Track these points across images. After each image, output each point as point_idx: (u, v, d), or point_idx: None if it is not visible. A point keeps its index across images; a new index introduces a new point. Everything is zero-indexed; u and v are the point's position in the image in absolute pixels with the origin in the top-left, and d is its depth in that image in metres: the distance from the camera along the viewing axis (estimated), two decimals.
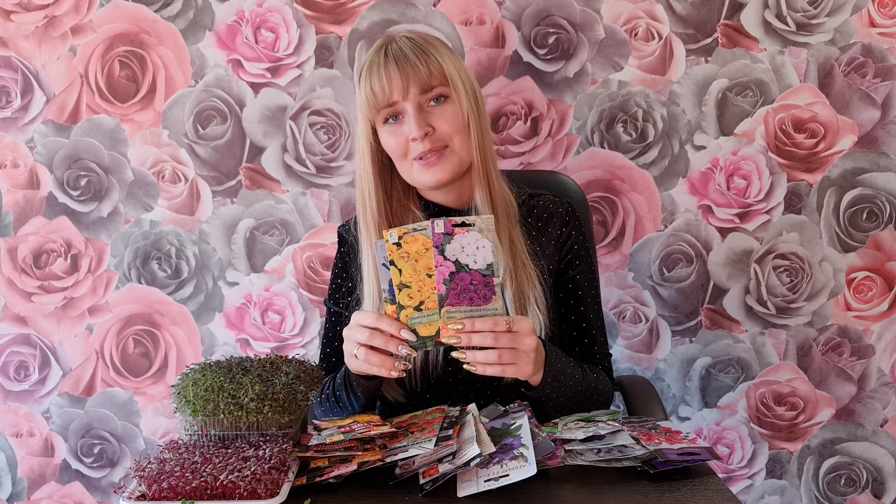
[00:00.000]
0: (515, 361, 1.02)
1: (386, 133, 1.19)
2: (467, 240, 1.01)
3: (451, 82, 1.18)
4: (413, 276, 1.01)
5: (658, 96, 1.66)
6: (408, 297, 1.01)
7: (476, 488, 0.89)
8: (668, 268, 1.70)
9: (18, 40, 1.67)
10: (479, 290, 1.01)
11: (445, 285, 1.00)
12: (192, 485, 0.88)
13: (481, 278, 1.01)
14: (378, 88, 1.16)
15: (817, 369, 1.72)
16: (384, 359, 1.02)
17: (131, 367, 1.74)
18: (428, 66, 1.17)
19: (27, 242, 1.71)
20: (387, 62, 1.17)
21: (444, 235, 1.01)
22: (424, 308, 1.01)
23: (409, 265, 1.01)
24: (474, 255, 1.01)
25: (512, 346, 1.01)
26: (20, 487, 1.77)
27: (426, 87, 1.16)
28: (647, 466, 0.94)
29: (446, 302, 1.00)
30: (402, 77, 1.15)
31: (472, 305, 1.01)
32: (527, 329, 1.03)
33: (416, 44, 1.19)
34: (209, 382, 0.99)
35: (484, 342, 1.00)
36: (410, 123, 1.16)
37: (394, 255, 1.01)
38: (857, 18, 1.64)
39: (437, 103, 1.18)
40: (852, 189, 1.68)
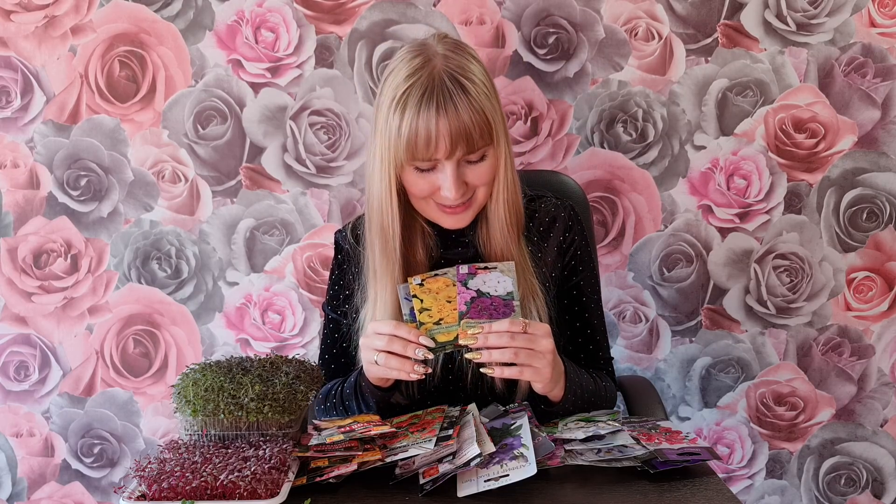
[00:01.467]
0: (532, 363, 1.01)
1: (413, 174, 1.12)
2: (489, 278, 1.08)
3: (495, 139, 1.11)
4: (433, 303, 1.07)
5: (658, 96, 1.66)
6: (427, 316, 1.06)
7: (476, 488, 0.89)
8: (668, 268, 1.70)
9: (18, 40, 1.67)
10: (499, 308, 1.05)
11: (466, 306, 1.05)
12: (192, 485, 0.88)
13: (501, 301, 1.06)
14: (423, 142, 1.07)
15: (817, 369, 1.72)
16: (403, 361, 1.02)
17: (131, 367, 1.74)
18: (478, 125, 1.08)
19: (27, 242, 1.71)
20: (437, 114, 1.06)
21: (467, 275, 1.08)
22: (443, 323, 1.05)
23: (430, 296, 1.07)
24: (495, 287, 1.08)
25: (528, 347, 1.01)
26: (20, 487, 1.77)
27: (473, 149, 1.09)
28: (647, 466, 0.94)
29: (466, 316, 1.05)
30: (451, 136, 1.06)
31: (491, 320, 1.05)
32: (543, 331, 1.03)
33: (461, 86, 1.08)
34: (209, 382, 0.99)
35: (500, 341, 1.00)
36: (448, 183, 1.09)
37: (416, 291, 1.08)
38: (858, 18, 1.64)
39: (475, 165, 1.12)
40: (852, 189, 1.68)
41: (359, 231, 1.28)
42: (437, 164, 1.10)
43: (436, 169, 1.11)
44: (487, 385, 1.18)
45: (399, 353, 1.02)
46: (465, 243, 1.22)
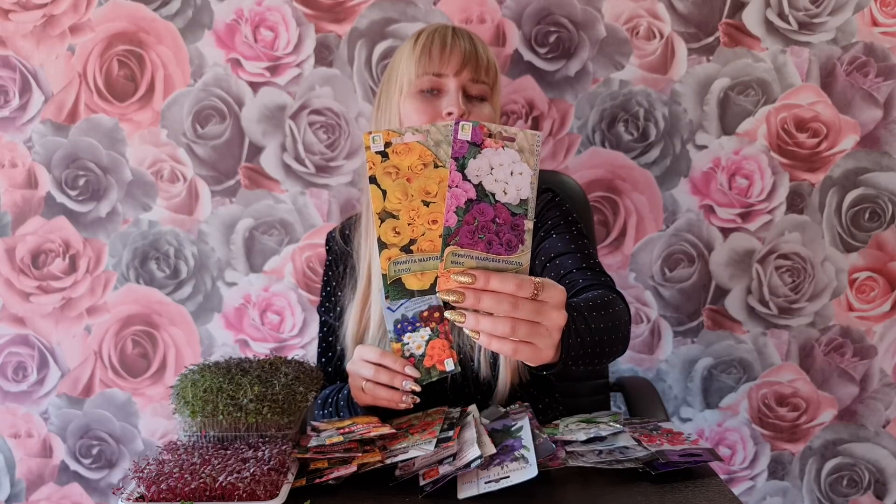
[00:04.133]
0: (533, 340, 0.77)
1: (415, 103, 1.15)
2: (500, 158, 0.73)
3: (496, 87, 1.19)
4: (403, 201, 0.74)
5: (660, 95, 1.65)
6: (393, 231, 0.74)
7: (476, 490, 0.89)
8: (669, 268, 1.70)
9: (17, 39, 1.67)
10: (504, 232, 0.74)
11: (458, 216, 0.72)
12: (190, 486, 0.87)
13: (509, 216, 0.73)
14: (437, 53, 1.14)
15: (819, 370, 1.71)
16: (393, 393, 1.02)
17: (130, 368, 1.73)
18: (488, 60, 1.17)
19: (25, 242, 1.71)
20: (454, 36, 1.16)
21: (469, 145, 0.72)
22: (416, 249, 0.75)
23: (397, 185, 0.74)
24: (505, 183, 0.73)
25: (534, 320, 0.76)
26: (18, 489, 1.76)
27: (479, 77, 1.16)
28: (649, 468, 0.93)
29: (454, 240, 0.73)
30: (464, 55, 1.15)
31: (490, 252, 0.74)
32: (557, 299, 0.77)
33: (480, 39, 1.20)
34: (208, 383, 0.99)
35: (498, 308, 0.74)
36: (451, 98, 1.14)
37: (376, 169, 0.74)
38: (860, 17, 1.63)
39: (476, 100, 1.17)
40: (854, 189, 1.67)
41: (347, 232, 1.29)
42: (442, 86, 1.15)
43: (441, 94, 1.15)
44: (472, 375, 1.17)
45: (386, 383, 1.02)
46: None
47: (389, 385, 1.02)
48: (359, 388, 1.05)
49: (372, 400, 1.05)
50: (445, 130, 0.74)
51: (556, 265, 1.12)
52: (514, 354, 0.77)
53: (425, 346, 1.01)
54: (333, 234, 1.33)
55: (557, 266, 1.12)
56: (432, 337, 1.01)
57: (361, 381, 1.04)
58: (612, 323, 0.93)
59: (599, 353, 0.91)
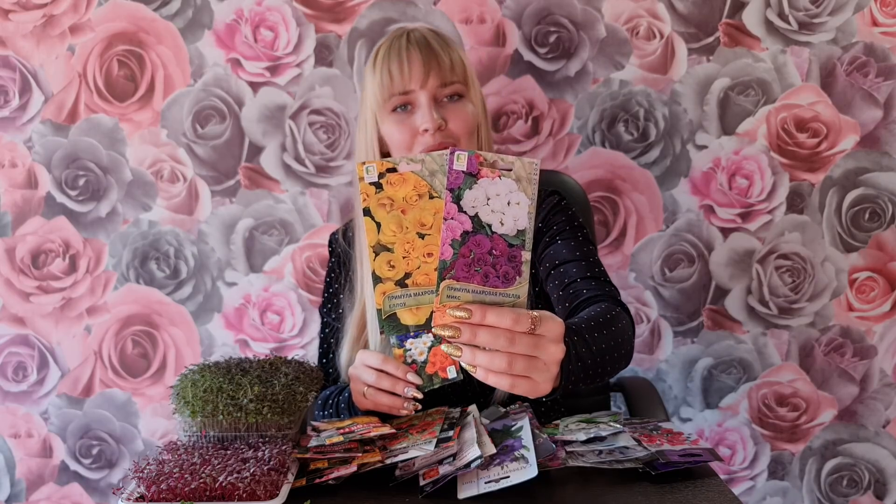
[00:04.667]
0: (531, 374, 0.76)
1: (392, 123, 1.14)
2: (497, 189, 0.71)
3: (469, 81, 1.15)
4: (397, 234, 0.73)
5: (660, 95, 1.65)
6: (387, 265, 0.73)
7: (477, 490, 0.88)
8: (669, 268, 1.70)
9: (17, 39, 1.67)
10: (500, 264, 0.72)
11: (454, 248, 0.71)
12: (190, 486, 0.87)
13: (506, 248, 0.72)
14: (396, 71, 1.11)
15: (819, 370, 1.71)
16: (394, 399, 1.01)
17: (130, 368, 1.73)
18: (451, 60, 1.13)
19: (25, 242, 1.71)
20: (409, 47, 1.12)
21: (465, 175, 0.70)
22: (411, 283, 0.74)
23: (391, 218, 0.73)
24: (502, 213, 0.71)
25: (531, 354, 0.75)
26: (18, 489, 1.76)
27: (446, 80, 1.12)
28: (649, 468, 0.93)
29: (450, 273, 0.71)
30: (424, 64, 1.11)
31: (486, 285, 0.72)
32: (555, 333, 0.77)
33: (438, 35, 1.16)
34: (208, 383, 0.99)
35: (495, 343, 0.73)
36: (424, 114, 1.11)
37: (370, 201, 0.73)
38: (860, 18, 1.63)
39: (451, 100, 1.14)
40: (854, 189, 1.67)
41: (350, 234, 1.29)
42: (413, 101, 1.13)
43: (413, 108, 1.13)
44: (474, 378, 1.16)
45: (388, 390, 1.01)
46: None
47: (391, 391, 1.01)
48: (360, 392, 1.05)
49: (373, 406, 1.04)
50: (441, 160, 0.73)
51: (560, 273, 1.11)
52: (512, 389, 0.77)
53: (427, 352, 1.00)
54: (336, 236, 1.33)
55: (562, 274, 1.11)
56: (435, 343, 1.00)
57: (363, 387, 1.04)
58: (614, 341, 0.92)
59: (601, 373, 0.90)
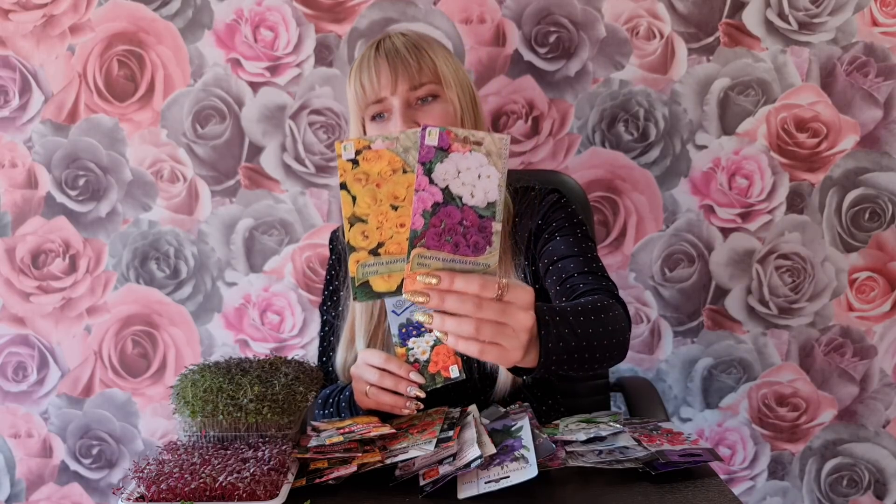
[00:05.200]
0: (499, 341, 0.76)
1: (373, 130, 1.17)
2: (468, 162, 0.73)
3: (444, 80, 1.16)
4: (371, 206, 0.75)
5: (660, 95, 1.65)
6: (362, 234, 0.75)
7: (476, 490, 0.88)
8: (669, 268, 1.70)
9: (17, 39, 1.67)
10: (471, 234, 0.74)
11: (425, 218, 0.73)
12: (190, 486, 0.87)
13: (476, 219, 0.74)
14: (367, 83, 1.14)
15: (819, 370, 1.71)
16: (396, 399, 1.02)
17: (130, 368, 1.73)
18: (419, 63, 1.14)
19: (25, 242, 1.71)
20: (377, 57, 1.15)
21: (436, 150, 0.73)
22: (384, 252, 0.76)
23: (366, 191, 0.75)
24: (473, 186, 0.74)
25: (499, 320, 0.76)
26: (18, 489, 1.76)
27: (415, 83, 1.14)
28: (649, 468, 0.93)
29: (421, 242, 0.73)
30: (392, 72, 1.13)
31: (457, 254, 0.74)
32: (524, 301, 0.77)
33: (409, 40, 1.17)
34: (208, 383, 0.99)
35: (462, 308, 0.74)
36: (396, 120, 1.13)
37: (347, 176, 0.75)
38: (860, 17, 1.63)
39: (425, 102, 1.16)
40: (854, 189, 1.67)
41: None
42: (388, 108, 1.15)
43: (389, 115, 1.15)
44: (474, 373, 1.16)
45: (390, 388, 1.02)
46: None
47: (394, 391, 1.01)
48: (362, 392, 1.05)
49: (375, 405, 1.04)
50: (414, 137, 0.75)
51: (558, 268, 1.12)
52: (482, 355, 0.77)
53: (430, 351, 1.01)
54: (337, 234, 1.34)
55: (560, 269, 1.12)
56: (437, 342, 1.00)
57: (365, 386, 1.04)
58: (603, 328, 0.91)
59: (590, 359, 0.89)
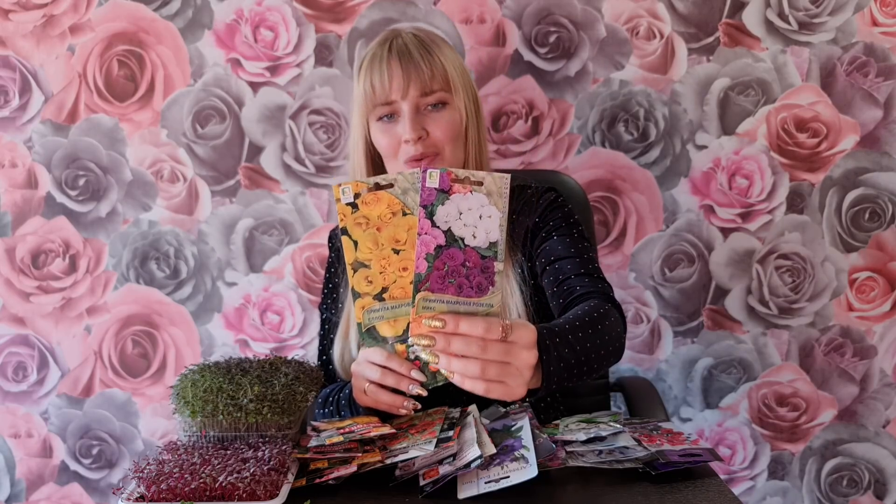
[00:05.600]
0: (504, 380, 0.81)
1: (378, 130, 1.17)
2: (469, 203, 0.75)
3: (453, 87, 1.16)
4: (374, 251, 0.78)
5: (660, 95, 1.65)
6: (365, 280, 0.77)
7: (476, 490, 0.88)
8: (669, 268, 1.70)
9: (17, 39, 1.67)
10: (474, 276, 0.76)
11: (428, 262, 0.75)
12: (190, 486, 0.87)
13: (479, 260, 0.75)
14: (378, 84, 1.14)
15: (819, 370, 1.71)
16: (395, 398, 1.01)
17: (130, 368, 1.73)
18: (431, 68, 1.14)
19: (25, 242, 1.71)
20: (390, 58, 1.14)
21: (437, 192, 0.74)
22: (388, 297, 0.78)
23: (367, 236, 0.77)
24: (475, 227, 0.75)
25: (504, 360, 0.80)
26: (18, 489, 1.76)
27: (427, 90, 1.14)
28: (649, 468, 0.93)
29: (425, 286, 0.75)
30: (404, 76, 1.13)
31: (461, 296, 0.76)
32: (527, 340, 0.82)
33: (421, 42, 1.16)
34: (208, 383, 0.99)
35: (468, 350, 0.78)
36: (405, 124, 1.13)
37: (347, 221, 0.78)
38: (860, 18, 1.63)
39: (434, 108, 1.16)
40: (854, 189, 1.67)
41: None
42: (397, 110, 1.15)
43: (397, 117, 1.15)
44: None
45: (392, 386, 1.01)
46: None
47: (395, 388, 1.01)
48: (361, 389, 1.05)
49: (373, 403, 1.04)
50: (412, 178, 0.77)
51: (555, 269, 1.14)
52: (487, 394, 0.80)
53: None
54: (336, 232, 1.34)
55: (556, 270, 1.13)
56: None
57: (365, 383, 1.03)
58: (600, 339, 0.95)
59: (588, 371, 0.94)
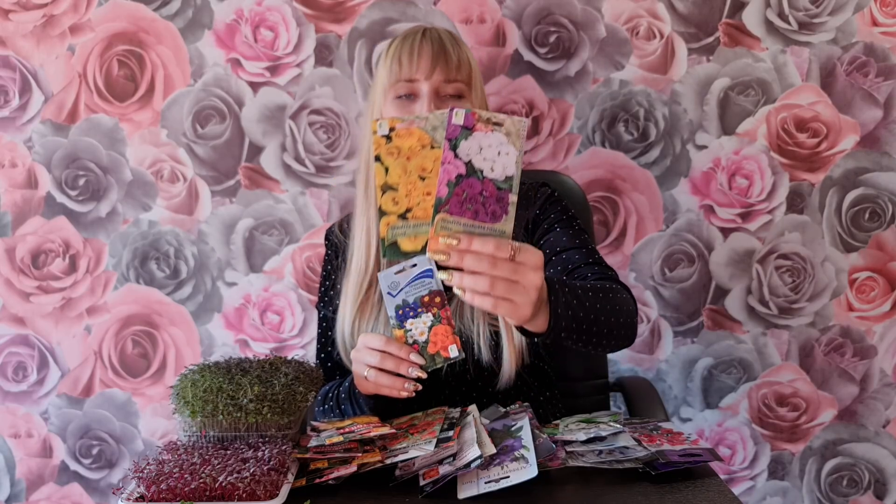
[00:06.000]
0: (511, 297, 0.86)
1: (393, 108, 1.20)
2: (489, 140, 0.83)
3: (472, 83, 1.21)
4: (402, 176, 0.85)
5: (660, 95, 1.65)
6: (392, 201, 0.85)
7: (476, 490, 0.89)
8: (669, 268, 1.70)
9: (17, 39, 1.67)
10: (489, 204, 0.83)
11: (448, 188, 0.82)
12: (190, 486, 0.87)
13: (495, 190, 0.83)
14: (406, 59, 1.18)
15: (819, 370, 1.71)
16: (395, 380, 1.02)
17: (130, 368, 1.73)
18: (458, 58, 1.20)
19: (25, 242, 1.71)
20: (422, 40, 1.20)
21: (461, 129, 0.83)
22: (411, 217, 0.85)
23: (398, 163, 0.84)
24: (493, 161, 0.83)
25: (511, 278, 0.85)
26: (18, 489, 1.76)
27: (450, 77, 1.18)
28: (649, 468, 0.93)
29: (444, 208, 0.83)
30: (433, 57, 1.18)
31: (476, 220, 0.84)
32: (534, 262, 0.87)
33: (452, 36, 1.23)
34: (208, 383, 0.99)
35: (479, 266, 0.84)
36: (423, 103, 1.17)
37: (381, 150, 0.85)
38: (860, 18, 1.63)
39: (451, 98, 1.20)
40: (854, 189, 1.67)
41: (346, 226, 1.31)
42: (417, 91, 1.19)
43: (416, 98, 1.19)
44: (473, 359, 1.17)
45: (391, 370, 1.02)
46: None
47: (395, 372, 1.02)
48: (362, 376, 1.05)
49: (374, 388, 1.05)
50: (441, 117, 0.84)
51: (562, 259, 1.18)
52: (495, 309, 0.87)
53: (428, 332, 1.02)
54: (333, 229, 1.36)
55: (564, 260, 1.17)
56: (435, 323, 1.02)
57: (365, 369, 1.04)
58: (610, 306, 1.01)
59: (598, 333, 0.99)
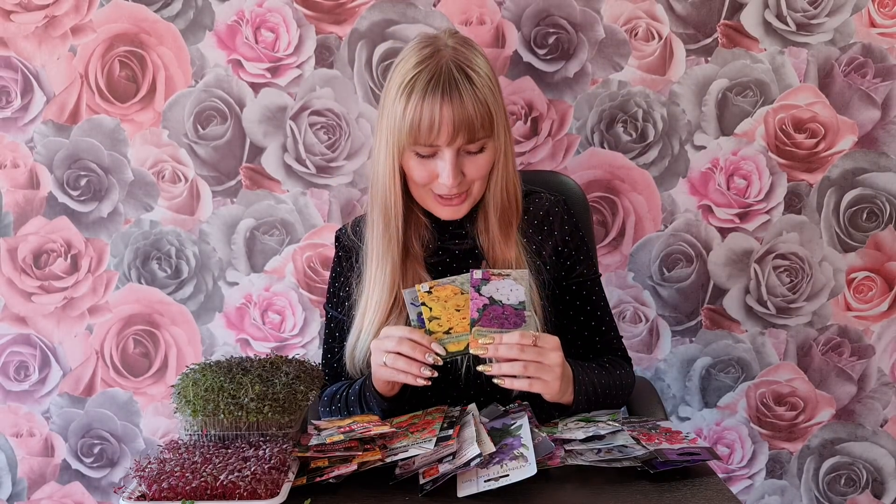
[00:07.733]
0: (541, 376, 1.04)
1: (414, 161, 1.15)
2: (502, 285, 1.10)
3: (495, 131, 1.15)
4: (442, 311, 1.08)
5: (658, 96, 1.66)
6: (437, 325, 1.08)
7: (476, 488, 0.89)
8: (668, 268, 1.70)
9: (18, 40, 1.67)
10: (511, 318, 1.07)
11: (479, 313, 1.07)
12: (192, 485, 0.88)
13: (513, 311, 1.08)
14: (426, 126, 1.10)
15: (817, 369, 1.72)
16: (410, 363, 1.04)
17: (131, 368, 1.74)
18: (480, 115, 1.11)
19: (27, 242, 1.71)
20: (442, 100, 1.10)
21: (481, 280, 1.10)
22: (454, 332, 1.08)
23: (438, 304, 1.09)
24: (508, 295, 1.09)
25: (537, 360, 1.03)
26: (20, 487, 1.77)
27: (474, 138, 1.13)
28: (648, 466, 0.94)
29: (478, 324, 1.07)
30: (454, 123, 1.10)
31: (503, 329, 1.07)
32: (552, 344, 1.05)
33: (467, 77, 1.12)
34: (209, 382, 0.99)
35: (510, 353, 1.02)
36: (446, 171, 1.13)
37: (424, 298, 1.09)
38: (857, 18, 1.64)
39: (474, 153, 1.15)
40: (852, 189, 1.68)
41: (359, 227, 1.30)
42: (437, 151, 1.14)
43: (436, 156, 1.14)
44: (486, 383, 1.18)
45: (408, 354, 1.04)
46: (463, 234, 1.24)
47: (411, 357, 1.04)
48: (380, 363, 1.07)
49: (391, 374, 1.06)
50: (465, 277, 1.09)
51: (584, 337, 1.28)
52: (530, 388, 1.05)
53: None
54: (345, 230, 1.32)
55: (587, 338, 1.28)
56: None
57: (383, 356, 1.06)
58: (614, 382, 1.20)
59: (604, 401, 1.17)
